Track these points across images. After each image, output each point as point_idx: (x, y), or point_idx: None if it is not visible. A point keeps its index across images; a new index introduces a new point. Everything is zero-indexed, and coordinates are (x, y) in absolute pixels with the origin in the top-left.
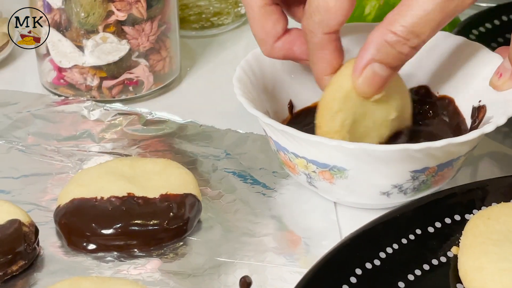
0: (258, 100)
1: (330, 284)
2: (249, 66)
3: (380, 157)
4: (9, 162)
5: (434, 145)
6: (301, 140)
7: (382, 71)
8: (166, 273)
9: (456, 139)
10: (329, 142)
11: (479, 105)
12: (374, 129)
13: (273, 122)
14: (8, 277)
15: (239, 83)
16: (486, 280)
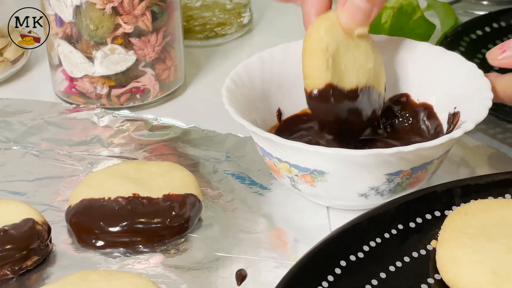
0: (247, 108)
1: (317, 274)
2: (238, 76)
3: (356, 161)
4: (24, 166)
5: (405, 149)
6: (283, 146)
7: (364, 3)
8: (168, 267)
9: (425, 144)
10: (308, 148)
11: (454, 112)
12: (354, 70)
13: (257, 130)
14: (23, 271)
15: (228, 93)
16: (461, 271)
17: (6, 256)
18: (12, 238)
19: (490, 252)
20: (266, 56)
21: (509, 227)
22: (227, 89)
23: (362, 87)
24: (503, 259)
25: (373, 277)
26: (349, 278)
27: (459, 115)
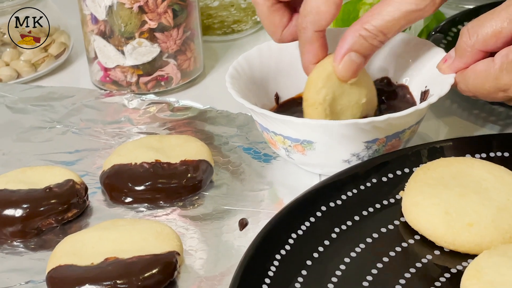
0: (248, 93)
1: (301, 216)
2: (240, 65)
3: (336, 130)
4: (66, 142)
5: (378, 119)
6: (276, 120)
7: (357, 58)
8: (183, 217)
9: (394, 115)
10: (297, 120)
11: (425, 90)
12: (349, 108)
13: (254, 107)
14: (65, 221)
15: (231, 79)
16: (420, 212)
17: (51, 208)
18: (56, 194)
19: (444, 197)
20: (264, 48)
21: (463, 179)
22: (230, 75)
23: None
24: (455, 202)
25: (348, 219)
26: (328, 221)
27: (429, 92)
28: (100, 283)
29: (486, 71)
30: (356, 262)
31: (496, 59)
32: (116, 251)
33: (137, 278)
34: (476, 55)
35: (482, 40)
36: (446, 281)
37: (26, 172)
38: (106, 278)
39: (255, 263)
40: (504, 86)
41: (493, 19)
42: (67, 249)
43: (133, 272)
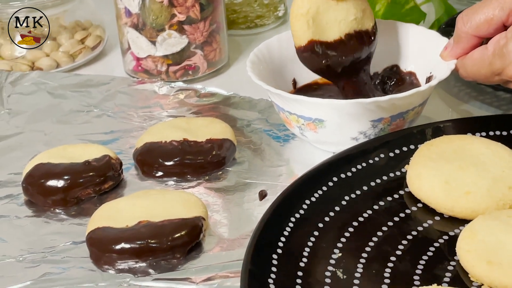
0: (267, 77)
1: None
2: (260, 52)
3: (344, 109)
4: (102, 124)
5: (381, 99)
6: (289, 99)
7: None
8: (209, 189)
9: (396, 95)
10: (308, 100)
11: (430, 75)
12: (335, 24)
13: (270, 88)
14: (102, 192)
15: (252, 64)
16: (422, 183)
17: (89, 180)
18: (94, 168)
19: (445, 170)
20: (283, 37)
21: (463, 154)
22: (251, 61)
23: (346, 35)
24: (454, 174)
25: (357, 189)
26: (338, 190)
27: (432, 77)
28: (134, 242)
29: (481, 57)
30: (364, 225)
31: (489, 45)
32: (148, 215)
33: (167, 238)
34: (470, 40)
35: (475, 26)
36: (444, 242)
37: (67, 149)
38: (139, 238)
39: (272, 224)
40: (497, 70)
41: (486, 6)
42: (104, 214)
43: (164, 233)
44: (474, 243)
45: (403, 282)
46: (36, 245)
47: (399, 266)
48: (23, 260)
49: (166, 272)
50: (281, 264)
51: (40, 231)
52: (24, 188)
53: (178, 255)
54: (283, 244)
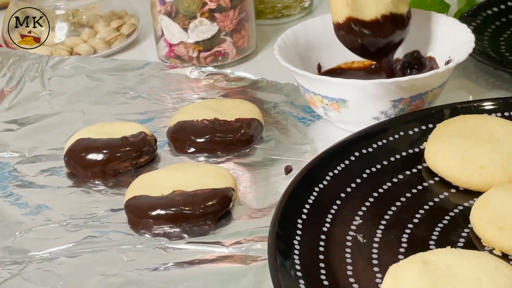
0: (293, 61)
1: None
2: (287, 37)
3: (365, 89)
4: (137, 105)
5: (401, 79)
6: (314, 80)
7: None
8: (237, 164)
9: (416, 76)
10: (331, 80)
11: (448, 59)
12: (373, 4)
13: (296, 69)
14: (138, 166)
15: (279, 48)
16: (439, 158)
17: (126, 154)
18: (131, 143)
19: (461, 146)
20: (309, 24)
21: (478, 131)
22: (278, 45)
23: (382, 15)
24: (470, 150)
25: (378, 163)
26: (360, 164)
27: (451, 61)
28: (169, 208)
29: None
30: (384, 196)
31: None
32: (182, 185)
33: (199, 206)
34: None
35: None
36: (459, 211)
37: (105, 126)
38: (173, 205)
39: (298, 192)
40: None
41: None
42: (141, 184)
43: (196, 202)
44: (487, 212)
45: (419, 246)
46: (78, 212)
47: (415, 232)
48: (66, 225)
49: (199, 236)
50: (305, 228)
51: (81, 200)
52: (66, 162)
53: (209, 222)
54: (307, 211)
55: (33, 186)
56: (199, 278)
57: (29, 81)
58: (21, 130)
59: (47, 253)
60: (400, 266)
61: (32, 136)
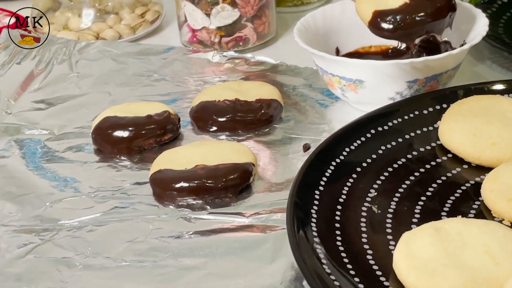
0: (312, 44)
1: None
2: (306, 21)
3: (382, 69)
4: (161, 87)
5: (416, 60)
6: (331, 61)
7: None
8: (257, 142)
9: (430, 57)
10: (348, 60)
11: (463, 43)
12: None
13: (315, 51)
14: (162, 143)
15: (298, 31)
16: (453, 135)
17: (151, 131)
18: (155, 121)
19: (473, 123)
20: (328, 9)
21: (491, 110)
22: (298, 29)
23: None
24: (481, 127)
25: (393, 140)
26: (375, 141)
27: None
28: (192, 181)
29: None
30: (398, 170)
31: None
32: (204, 160)
33: (221, 179)
34: None
35: None
36: (470, 186)
37: (131, 105)
38: (196, 178)
39: (316, 165)
40: None
41: None
42: (165, 159)
43: (218, 175)
44: (497, 185)
45: (431, 217)
46: (105, 185)
47: (428, 204)
48: (94, 196)
49: (220, 207)
50: (322, 199)
51: (107, 174)
52: (93, 138)
53: (230, 195)
54: (324, 183)
55: (62, 161)
56: (220, 245)
57: (57, 64)
58: (50, 110)
59: (76, 221)
60: (412, 233)
61: (60, 115)
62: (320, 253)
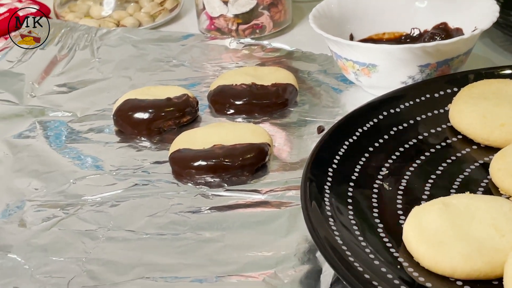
0: (326, 30)
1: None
2: (321, 8)
3: (394, 53)
4: (180, 72)
5: (428, 44)
6: (345, 45)
7: None
8: (273, 125)
9: (442, 42)
10: (361, 45)
11: (474, 29)
12: None
13: (330, 36)
14: (181, 125)
15: (313, 17)
16: (462, 116)
17: (170, 113)
18: (174, 103)
19: (483, 106)
20: None
21: (500, 93)
22: (313, 15)
23: None
24: (491, 110)
25: (405, 122)
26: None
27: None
28: (210, 160)
29: None
30: (409, 150)
31: None
32: (222, 140)
33: (238, 158)
34: None
35: None
36: (479, 165)
37: (151, 89)
38: (214, 157)
39: (329, 145)
40: None
41: None
42: (184, 139)
43: (235, 154)
44: (505, 163)
45: (441, 194)
46: (126, 163)
47: (438, 182)
48: (116, 175)
49: (237, 185)
50: (335, 176)
51: (128, 153)
52: (115, 120)
53: (246, 173)
54: (337, 161)
55: (85, 141)
56: (237, 219)
57: (79, 50)
58: (73, 93)
59: (98, 197)
60: (422, 207)
61: (82, 98)
62: (332, 225)
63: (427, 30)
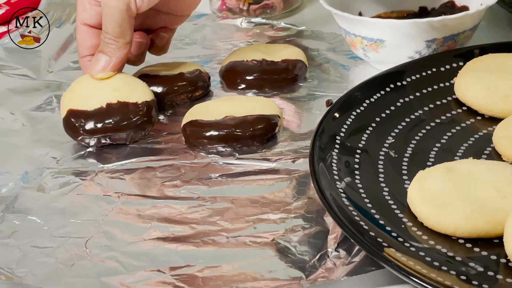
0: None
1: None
2: None
3: (401, 28)
4: (192, 50)
5: (434, 19)
6: (353, 20)
7: None
8: (283, 99)
9: (448, 16)
10: (369, 20)
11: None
12: None
13: (338, 11)
14: (193, 99)
15: None
16: (467, 88)
17: (183, 87)
18: (187, 78)
19: (487, 78)
20: None
21: (505, 66)
22: None
23: None
24: (495, 82)
25: (411, 94)
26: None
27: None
28: (221, 130)
29: None
30: (415, 121)
31: None
32: (233, 111)
33: (248, 128)
34: None
35: None
36: (483, 134)
37: (164, 65)
38: (226, 127)
39: (337, 115)
40: None
41: None
42: (196, 111)
43: (246, 125)
44: (507, 131)
45: (445, 160)
46: None
47: (442, 148)
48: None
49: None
50: (342, 144)
51: None
52: None
53: (257, 143)
54: (345, 130)
55: None
56: (247, 184)
57: None
58: None
59: (114, 165)
60: (426, 172)
61: None
62: (339, 188)
63: (434, 8)
